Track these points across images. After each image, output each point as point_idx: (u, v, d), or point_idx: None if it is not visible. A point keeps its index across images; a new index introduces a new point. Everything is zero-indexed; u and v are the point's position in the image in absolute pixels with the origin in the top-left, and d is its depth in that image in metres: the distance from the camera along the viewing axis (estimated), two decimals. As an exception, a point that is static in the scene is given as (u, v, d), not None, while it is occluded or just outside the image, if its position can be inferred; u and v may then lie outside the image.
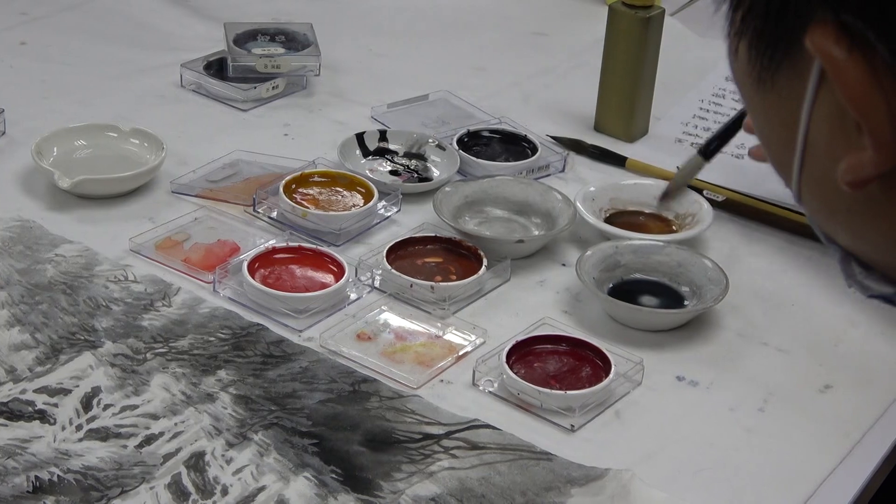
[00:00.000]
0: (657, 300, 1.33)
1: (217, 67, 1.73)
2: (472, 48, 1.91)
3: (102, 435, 1.12)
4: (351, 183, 1.47)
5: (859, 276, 0.62)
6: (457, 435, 1.15)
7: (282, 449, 1.12)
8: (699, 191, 1.49)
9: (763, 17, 0.57)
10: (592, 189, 1.48)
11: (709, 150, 1.38)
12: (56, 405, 1.15)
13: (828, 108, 0.57)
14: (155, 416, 1.15)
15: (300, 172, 1.48)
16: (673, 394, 1.23)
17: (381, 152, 1.57)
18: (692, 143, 1.64)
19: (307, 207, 1.43)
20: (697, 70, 1.80)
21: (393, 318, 1.29)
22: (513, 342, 1.23)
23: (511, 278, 1.37)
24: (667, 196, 1.42)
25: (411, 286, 1.32)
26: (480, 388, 1.21)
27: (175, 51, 1.79)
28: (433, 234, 1.39)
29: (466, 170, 1.55)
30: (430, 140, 1.57)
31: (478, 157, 1.56)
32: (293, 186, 1.46)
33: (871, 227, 0.59)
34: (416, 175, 1.54)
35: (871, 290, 0.62)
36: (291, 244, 1.37)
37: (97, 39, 1.85)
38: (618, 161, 1.60)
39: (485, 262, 1.35)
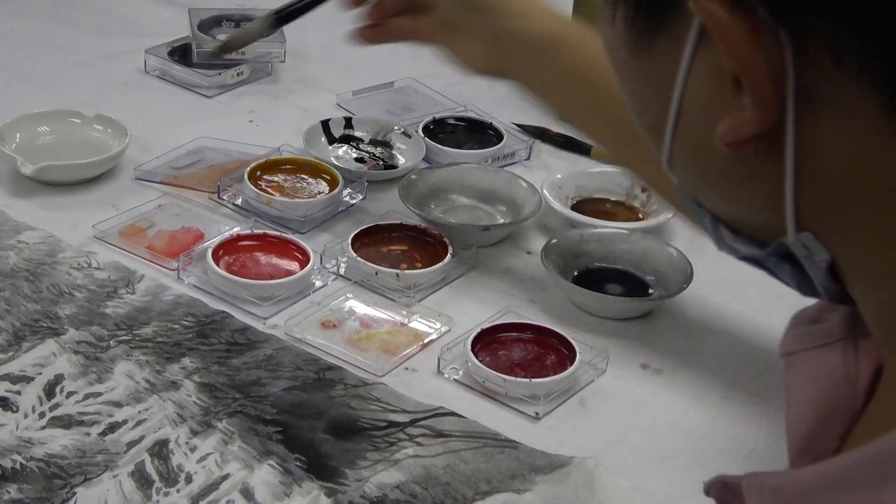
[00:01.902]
0: (622, 288, 1.34)
1: (181, 53, 1.73)
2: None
3: (65, 423, 1.12)
4: (316, 170, 1.47)
5: (728, 240, 0.63)
6: (422, 423, 1.14)
7: (246, 437, 1.11)
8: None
9: None
10: (559, 177, 1.49)
11: (281, 15, 1.38)
12: (19, 393, 1.15)
13: (705, 71, 0.57)
14: (118, 404, 1.14)
15: (265, 159, 1.47)
16: (637, 382, 1.23)
17: (347, 139, 1.57)
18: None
19: (272, 194, 1.42)
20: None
21: (358, 306, 1.29)
22: (478, 330, 1.23)
23: (476, 266, 1.37)
24: (223, 49, 1.41)
25: (376, 274, 1.31)
26: (445, 375, 1.21)
27: (139, 37, 1.78)
28: (398, 222, 1.39)
29: (432, 157, 1.55)
30: (396, 127, 1.57)
31: (443, 145, 1.56)
32: (258, 173, 1.45)
33: (745, 188, 0.60)
34: (381, 162, 1.54)
35: (741, 252, 0.63)
36: (256, 231, 1.36)
37: (61, 25, 1.84)
38: (583, 150, 1.60)
39: (450, 249, 1.35)
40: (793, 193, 0.58)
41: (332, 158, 1.52)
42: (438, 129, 1.60)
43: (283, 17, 1.39)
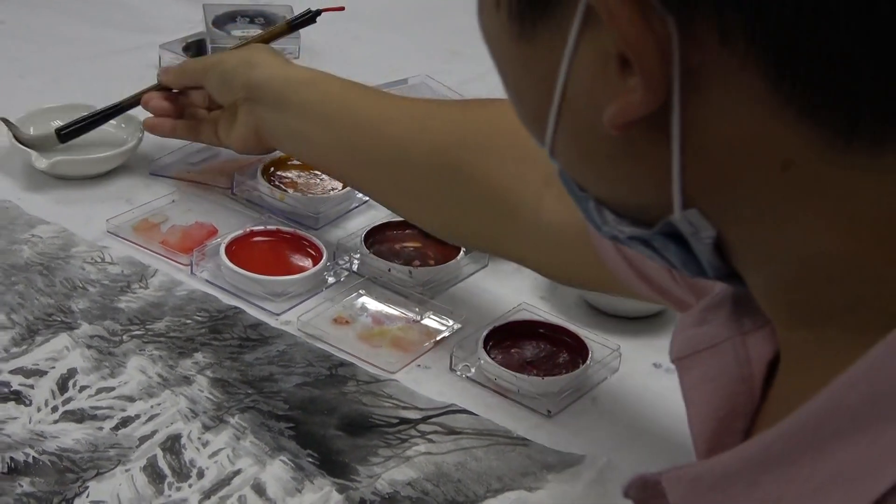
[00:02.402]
0: (635, 287, 1.33)
1: (196, 49, 1.72)
2: (451, 33, 1.90)
3: (78, 417, 1.12)
4: (329, 166, 1.47)
5: (613, 223, 0.64)
6: (433, 420, 1.15)
7: (258, 432, 1.11)
8: None
9: None
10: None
11: (67, 133, 1.43)
12: (32, 386, 1.15)
13: (589, 55, 0.58)
14: (131, 399, 1.14)
15: (279, 155, 1.47)
16: (650, 380, 1.23)
17: (360, 136, 1.57)
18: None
19: (285, 190, 1.42)
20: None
21: (371, 303, 1.29)
22: (490, 328, 1.23)
23: (489, 264, 1.37)
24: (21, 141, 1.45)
25: (389, 270, 1.32)
26: (458, 373, 1.21)
27: (154, 31, 1.78)
28: (412, 219, 1.39)
29: (445, 154, 1.54)
30: (410, 124, 1.57)
31: (457, 142, 1.55)
32: (272, 169, 1.45)
33: (632, 170, 0.61)
34: (394, 159, 1.53)
35: (626, 233, 0.63)
36: (269, 227, 1.36)
37: (75, 19, 1.84)
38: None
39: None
40: (679, 172, 0.58)
41: (346, 155, 1.52)
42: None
43: (66, 135, 1.47)
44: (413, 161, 1.21)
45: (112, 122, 1.53)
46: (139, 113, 1.52)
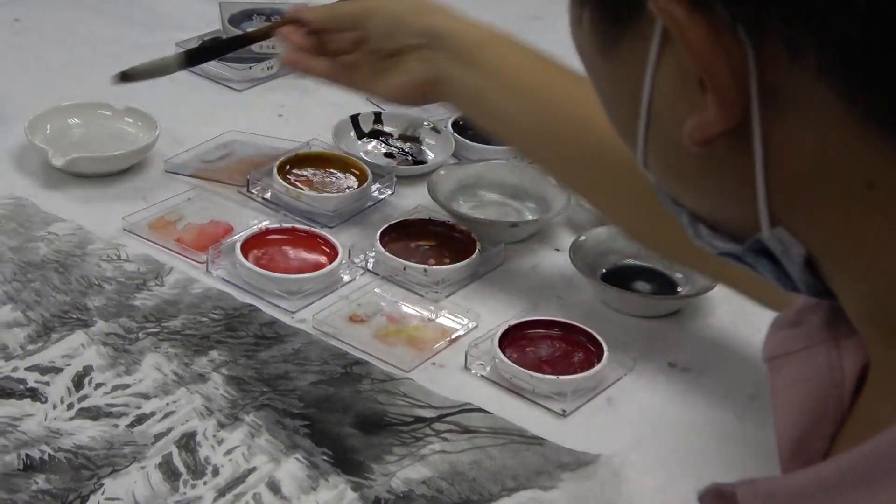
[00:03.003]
0: (650, 286, 1.33)
1: (212, 47, 1.73)
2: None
3: (94, 414, 1.12)
4: (345, 165, 1.47)
5: (707, 237, 0.63)
6: (448, 418, 1.15)
7: (273, 430, 1.12)
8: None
9: None
10: (587, 174, 1.48)
11: (193, 56, 1.40)
12: (47, 383, 1.15)
13: (670, 70, 0.58)
14: (146, 396, 1.15)
15: (294, 153, 1.47)
16: (665, 380, 1.23)
17: (376, 134, 1.57)
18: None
19: (301, 189, 1.42)
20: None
21: (386, 301, 1.29)
22: (505, 326, 1.23)
23: (504, 262, 1.37)
24: (123, 77, 1.41)
25: (405, 269, 1.32)
26: (473, 371, 1.21)
27: (170, 29, 1.78)
28: (427, 217, 1.39)
29: (461, 153, 1.55)
30: (425, 123, 1.57)
31: (473, 141, 1.55)
32: (287, 167, 1.45)
33: (717, 185, 0.60)
34: (410, 158, 1.54)
35: (719, 249, 0.63)
36: (285, 225, 1.37)
37: (92, 16, 1.84)
38: (612, 146, 1.59)
39: (478, 245, 1.35)
40: (764, 190, 0.58)
41: (362, 153, 1.53)
42: (468, 125, 1.60)
43: (193, 58, 1.43)
44: (606, 151, 1.14)
45: (128, 119, 1.53)
46: (154, 112, 1.53)
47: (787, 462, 0.68)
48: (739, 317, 1.32)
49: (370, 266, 1.34)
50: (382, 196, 1.45)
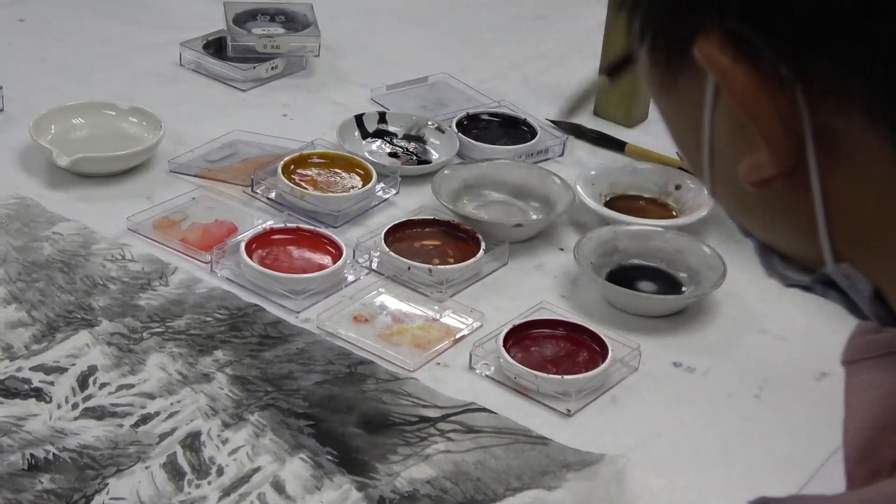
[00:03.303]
0: (655, 286, 1.33)
1: (216, 47, 1.73)
2: (472, 31, 1.90)
3: (98, 414, 1.12)
4: (349, 164, 1.47)
5: (779, 267, 0.63)
6: (453, 418, 1.14)
7: (278, 430, 1.12)
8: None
9: (656, 28, 0.58)
10: (593, 173, 1.48)
11: (613, 69, 1.39)
12: (52, 383, 1.15)
13: (726, 111, 0.58)
14: (151, 396, 1.15)
15: (299, 153, 1.47)
16: (669, 380, 1.23)
17: (381, 134, 1.57)
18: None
19: (305, 188, 1.42)
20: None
21: (390, 301, 1.29)
22: (510, 326, 1.23)
23: (509, 262, 1.37)
24: (566, 113, 1.41)
25: (409, 269, 1.32)
26: (477, 371, 1.21)
27: (174, 29, 1.79)
28: (431, 217, 1.39)
29: (465, 153, 1.55)
30: (430, 123, 1.57)
31: (477, 141, 1.56)
32: (291, 167, 1.45)
33: (781, 221, 0.60)
34: (414, 157, 1.54)
35: (791, 280, 0.63)
36: (289, 225, 1.37)
37: (97, 17, 1.84)
38: (617, 146, 1.60)
39: (483, 245, 1.35)
40: (825, 228, 0.58)
41: (366, 153, 1.53)
42: (472, 125, 1.60)
43: (614, 72, 1.41)
44: None
45: (132, 119, 1.53)
46: (159, 112, 1.53)
47: (854, 466, 0.68)
48: (744, 317, 1.32)
49: (374, 266, 1.34)
50: (387, 196, 1.45)
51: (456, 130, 1.56)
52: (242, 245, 1.31)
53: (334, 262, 1.32)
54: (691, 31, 0.56)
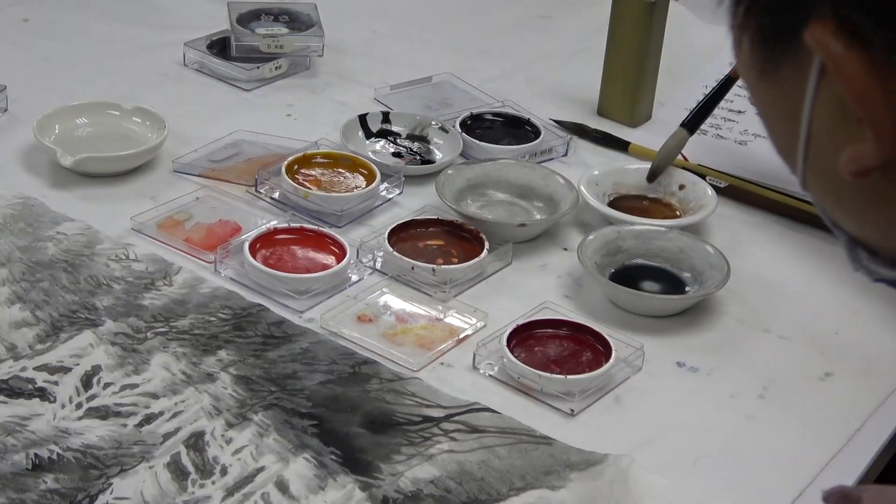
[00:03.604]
0: (659, 286, 1.33)
1: (220, 47, 1.73)
2: (476, 30, 1.90)
3: (102, 413, 1.12)
4: (353, 164, 1.47)
5: (865, 261, 0.63)
6: (457, 418, 1.14)
7: (281, 430, 1.12)
8: (702, 177, 1.49)
9: (765, 12, 0.58)
10: (596, 173, 1.48)
11: (692, 122, 1.39)
12: (56, 383, 1.15)
13: (829, 99, 0.57)
14: (155, 396, 1.15)
15: (302, 153, 1.47)
16: (673, 380, 1.23)
17: (384, 134, 1.57)
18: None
19: (309, 188, 1.42)
20: (702, 56, 1.79)
21: (394, 301, 1.29)
22: (513, 326, 1.23)
23: (512, 262, 1.37)
24: (654, 174, 1.42)
25: (413, 268, 1.32)
26: (481, 371, 1.21)
27: (178, 29, 1.79)
28: (435, 217, 1.39)
29: (469, 153, 1.55)
30: (433, 122, 1.57)
31: (481, 140, 1.56)
32: (295, 167, 1.45)
33: (876, 213, 0.60)
34: (418, 157, 1.54)
35: (878, 275, 0.63)
36: (293, 225, 1.37)
37: (100, 17, 1.84)
38: (621, 146, 1.60)
39: (486, 245, 1.35)
40: None
41: (370, 153, 1.53)
42: (476, 125, 1.60)
43: (694, 125, 1.42)
44: None
45: (136, 119, 1.53)
46: (163, 111, 1.53)
47: None
48: (748, 317, 1.32)
49: (378, 266, 1.34)
50: (391, 196, 1.45)
51: (460, 130, 1.56)
52: (246, 245, 1.31)
53: (338, 262, 1.32)
54: (804, 16, 0.55)
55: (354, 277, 1.32)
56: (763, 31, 0.59)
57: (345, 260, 1.32)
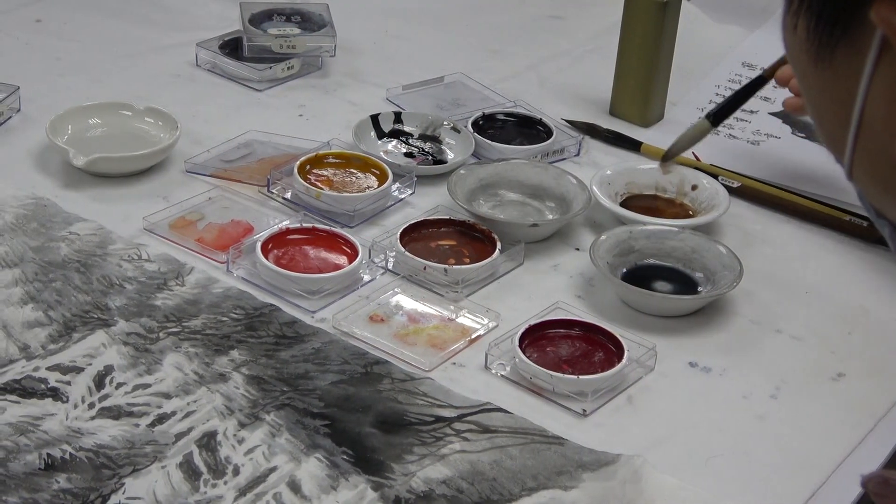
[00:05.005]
0: (671, 286, 1.33)
1: (232, 47, 1.73)
2: (488, 31, 1.90)
3: (115, 413, 1.12)
4: (365, 164, 1.47)
5: None
6: (469, 418, 1.14)
7: (294, 430, 1.12)
8: (714, 176, 1.48)
9: None
10: (609, 172, 1.48)
11: (717, 115, 1.38)
12: (69, 383, 1.15)
13: (886, 84, 0.57)
14: (167, 396, 1.15)
15: (314, 153, 1.47)
16: (685, 380, 1.23)
17: (396, 134, 1.57)
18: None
19: (321, 188, 1.43)
20: (714, 55, 1.79)
21: (406, 301, 1.29)
22: (526, 326, 1.23)
23: (524, 262, 1.37)
24: (668, 157, 1.42)
25: (425, 269, 1.32)
26: (493, 371, 1.21)
27: (190, 30, 1.79)
28: (447, 217, 1.39)
29: (481, 153, 1.55)
30: (445, 122, 1.57)
31: (493, 140, 1.55)
32: (307, 167, 1.46)
33: None
34: (430, 157, 1.54)
35: None
36: (305, 225, 1.37)
37: (113, 17, 1.85)
38: (633, 146, 1.59)
39: (498, 245, 1.35)
40: None
41: (382, 153, 1.53)
42: (488, 125, 1.60)
43: (718, 118, 1.41)
44: None
45: (148, 119, 1.53)
46: (175, 112, 1.53)
47: None
48: (760, 317, 1.31)
49: (390, 266, 1.34)
50: (402, 196, 1.45)
51: (472, 130, 1.56)
52: (258, 245, 1.32)
53: (350, 262, 1.32)
54: None
55: (366, 277, 1.32)
56: (821, 14, 0.59)
57: (357, 260, 1.32)
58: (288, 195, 1.44)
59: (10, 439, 1.09)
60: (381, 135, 1.57)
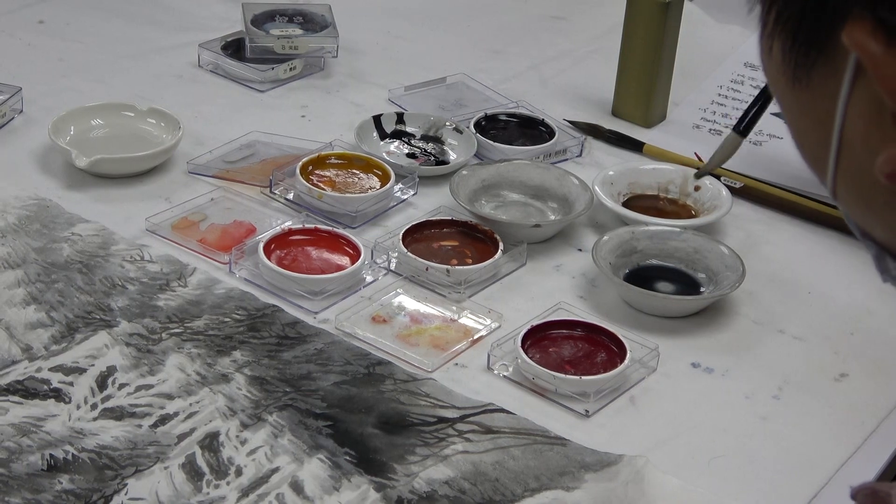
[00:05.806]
0: (673, 286, 1.33)
1: (235, 48, 1.73)
2: (490, 31, 1.90)
3: (117, 414, 1.13)
4: (368, 165, 1.47)
5: (894, 271, 0.62)
6: (471, 419, 1.14)
7: (296, 430, 1.12)
8: (717, 177, 1.48)
9: (798, 16, 0.58)
10: (611, 173, 1.48)
11: (745, 126, 1.39)
12: (71, 384, 1.15)
13: (864, 103, 0.57)
14: (170, 396, 1.15)
15: (317, 154, 1.47)
16: (688, 380, 1.23)
17: (399, 135, 1.57)
18: (710, 130, 1.63)
19: (323, 189, 1.43)
20: (716, 56, 1.79)
21: (408, 301, 1.29)
22: (528, 327, 1.23)
23: (527, 263, 1.37)
24: (701, 174, 1.42)
25: (427, 269, 1.32)
26: (495, 372, 1.21)
27: (193, 30, 1.79)
28: (449, 218, 1.39)
29: (483, 153, 1.55)
30: (448, 123, 1.57)
31: (495, 141, 1.55)
32: (310, 168, 1.46)
33: None
34: (432, 158, 1.54)
35: None
36: (307, 226, 1.37)
37: (115, 18, 1.85)
38: (635, 146, 1.59)
39: (501, 246, 1.35)
40: None
41: (384, 153, 1.53)
42: (490, 125, 1.60)
43: (745, 128, 1.41)
44: None
45: (151, 120, 1.54)
46: (177, 113, 1.53)
47: None
48: (763, 317, 1.31)
49: (392, 266, 1.34)
50: (405, 196, 1.46)
51: (474, 131, 1.56)
52: (261, 246, 1.32)
53: (352, 263, 1.32)
54: (839, 18, 0.55)
55: (369, 278, 1.32)
56: (796, 36, 0.59)
57: (359, 261, 1.32)
58: (290, 196, 1.44)
59: (12, 440, 1.09)
60: (383, 135, 1.57)
